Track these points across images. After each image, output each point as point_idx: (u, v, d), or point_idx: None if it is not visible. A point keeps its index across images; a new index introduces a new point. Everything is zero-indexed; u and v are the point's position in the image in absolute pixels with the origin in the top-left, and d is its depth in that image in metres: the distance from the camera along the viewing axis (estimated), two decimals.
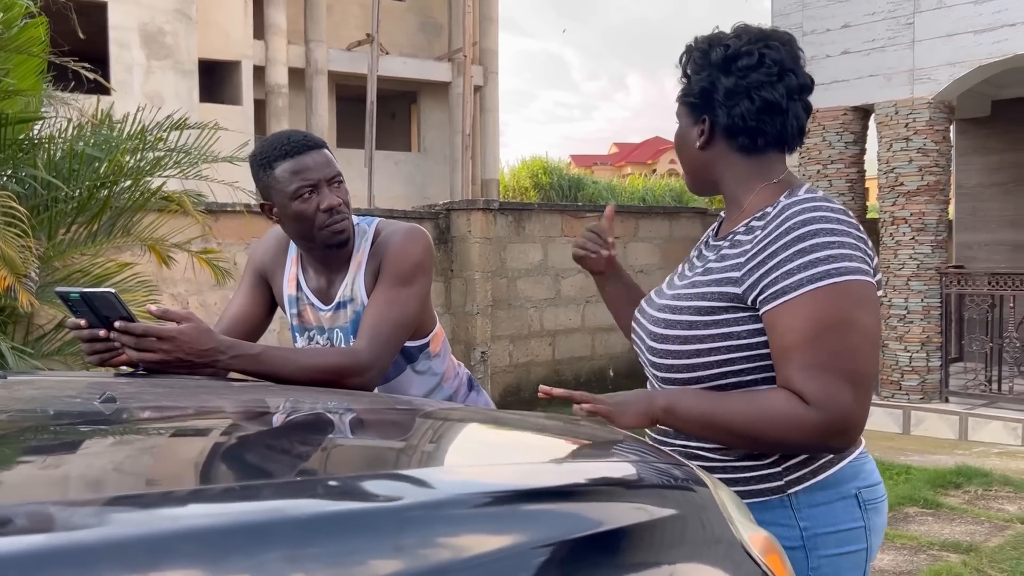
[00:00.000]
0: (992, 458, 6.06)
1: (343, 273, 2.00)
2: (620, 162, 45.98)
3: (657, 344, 1.45)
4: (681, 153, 1.54)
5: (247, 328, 2.06)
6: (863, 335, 1.31)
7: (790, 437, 1.31)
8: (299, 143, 1.89)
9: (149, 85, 12.48)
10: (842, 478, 1.41)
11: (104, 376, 1.70)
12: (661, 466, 1.01)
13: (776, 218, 1.37)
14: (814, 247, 1.32)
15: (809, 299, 1.30)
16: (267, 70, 15.08)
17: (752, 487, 1.40)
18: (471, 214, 7.59)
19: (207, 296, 6.39)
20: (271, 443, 1.04)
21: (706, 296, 1.41)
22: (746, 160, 1.47)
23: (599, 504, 0.88)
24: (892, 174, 7.15)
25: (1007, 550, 4.22)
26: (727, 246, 1.45)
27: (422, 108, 18.53)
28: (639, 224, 8.74)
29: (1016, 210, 9.37)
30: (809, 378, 1.29)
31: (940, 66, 6.89)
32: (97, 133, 4.30)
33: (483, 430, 1.26)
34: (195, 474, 0.86)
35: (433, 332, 2.12)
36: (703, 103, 1.46)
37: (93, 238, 4.48)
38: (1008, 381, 6.93)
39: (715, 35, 1.49)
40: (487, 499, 0.83)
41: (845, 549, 1.40)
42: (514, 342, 7.91)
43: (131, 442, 0.97)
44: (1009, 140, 9.28)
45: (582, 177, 22.74)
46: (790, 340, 1.31)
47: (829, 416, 1.28)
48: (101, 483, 0.80)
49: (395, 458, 1.00)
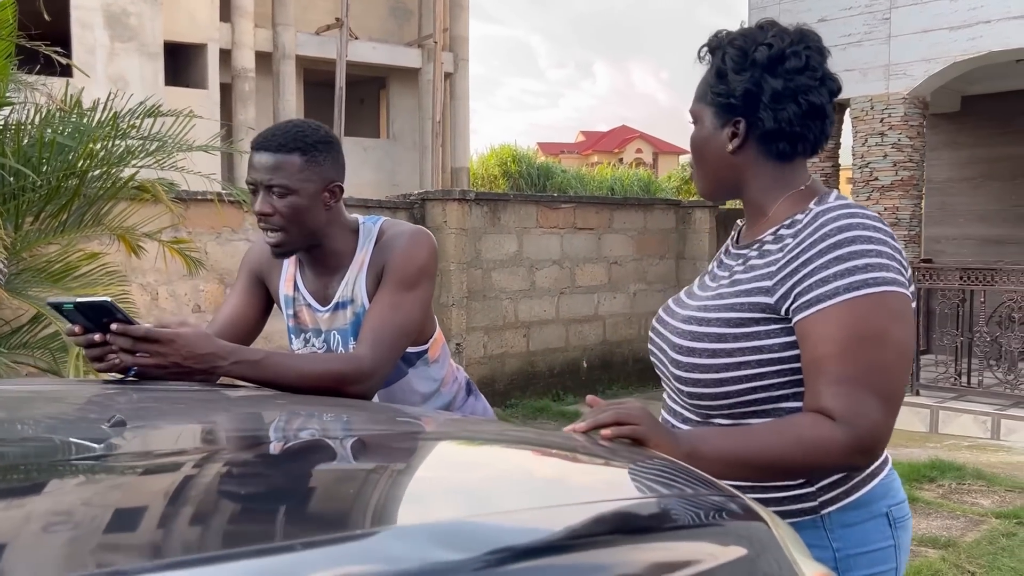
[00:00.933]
0: (963, 451, 6.13)
1: (342, 273, 1.94)
2: (587, 150, 46.02)
3: (683, 357, 1.39)
4: (703, 156, 1.44)
5: (241, 330, 1.98)
6: (897, 351, 1.27)
7: (820, 461, 1.27)
8: (266, 137, 1.82)
9: (113, 68, 12.19)
10: (874, 497, 1.38)
11: (94, 383, 1.61)
12: (719, 499, 0.96)
13: (809, 225, 1.32)
14: (851, 255, 1.27)
15: (845, 309, 1.25)
16: (233, 54, 14.79)
17: (785, 508, 1.35)
18: (447, 204, 7.51)
19: (177, 287, 6.24)
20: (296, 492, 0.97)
21: (735, 307, 1.35)
22: (775, 166, 1.41)
23: (660, 549, 0.82)
24: (866, 168, 7.19)
25: (984, 545, 4.26)
26: (755, 255, 1.39)
27: (391, 94, 18.34)
28: (613, 216, 8.71)
29: (984, 205, 9.49)
30: (839, 394, 1.24)
31: (915, 62, 6.93)
32: (67, 120, 4.16)
33: (504, 458, 1.19)
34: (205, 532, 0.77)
35: (433, 338, 2.06)
36: (743, 105, 1.37)
37: (62, 227, 4.34)
38: (978, 374, 7.02)
39: (748, 32, 1.41)
40: (513, 552, 0.75)
41: (876, 569, 1.36)
42: (488, 333, 7.85)
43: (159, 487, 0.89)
44: (978, 135, 9.39)
45: (551, 165, 22.71)
46: (823, 351, 1.26)
47: (857, 434, 1.23)
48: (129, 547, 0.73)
49: (425, 504, 0.92)
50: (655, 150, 46.06)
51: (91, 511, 0.79)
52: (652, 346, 1.53)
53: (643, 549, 0.82)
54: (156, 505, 0.81)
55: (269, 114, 15.28)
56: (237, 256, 6.58)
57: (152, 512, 0.80)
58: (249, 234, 6.55)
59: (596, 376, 8.52)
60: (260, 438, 1.18)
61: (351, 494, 0.92)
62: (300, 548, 0.69)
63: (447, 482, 0.97)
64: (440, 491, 0.95)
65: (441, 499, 0.91)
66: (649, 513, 0.91)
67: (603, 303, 8.64)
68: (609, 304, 8.66)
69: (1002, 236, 9.35)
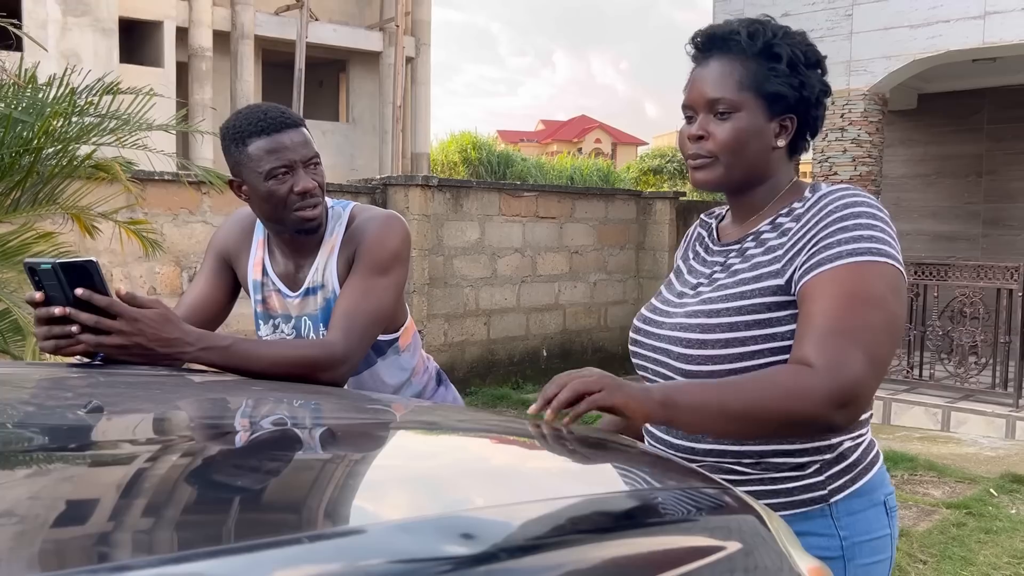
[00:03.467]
0: (915, 443, 6.26)
1: (312, 258, 1.90)
2: (547, 139, 46.07)
3: (694, 351, 1.36)
4: (744, 147, 1.37)
5: (207, 315, 1.93)
6: (890, 319, 1.26)
7: (797, 409, 1.21)
8: (277, 119, 1.77)
9: (65, 43, 11.88)
10: (874, 485, 1.39)
11: (58, 367, 1.56)
12: (711, 491, 0.95)
13: (813, 207, 1.34)
14: (858, 226, 1.29)
15: (845, 271, 1.27)
16: (190, 32, 14.51)
17: (795, 498, 1.35)
18: (409, 190, 7.45)
19: (132, 268, 6.12)
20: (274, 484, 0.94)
21: (745, 295, 1.34)
22: (789, 161, 1.45)
23: (655, 542, 0.81)
24: (827, 163, 7.28)
25: (935, 535, 4.35)
26: (752, 246, 1.40)
27: (351, 77, 18.14)
28: (575, 205, 8.72)
29: (937, 201, 9.67)
30: (823, 345, 1.23)
31: (876, 59, 7.03)
32: (21, 95, 4.03)
33: (484, 449, 1.16)
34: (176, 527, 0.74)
35: (404, 326, 2.03)
36: (802, 101, 1.38)
37: (15, 206, 4.21)
38: (929, 367, 7.17)
39: (782, 26, 1.40)
40: (514, 547, 0.73)
41: (876, 558, 1.37)
42: (449, 321, 7.82)
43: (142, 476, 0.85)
44: (933, 133, 9.56)
45: (511, 153, 22.68)
46: (817, 308, 1.26)
47: (837, 384, 1.20)
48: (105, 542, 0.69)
49: (398, 497, 0.89)
50: (614, 140, 46.27)
51: (62, 502, 0.76)
52: (643, 350, 1.47)
53: (635, 543, 0.81)
54: (117, 497, 0.78)
55: (227, 95, 15.03)
56: (194, 238, 6.46)
57: (114, 505, 0.76)
58: (207, 216, 6.43)
59: (556, 365, 8.54)
60: (225, 427, 1.15)
61: (316, 486, 0.89)
62: (263, 547, 0.66)
63: (420, 474, 0.95)
64: (415, 484, 0.93)
65: (417, 493, 0.88)
66: (641, 507, 0.90)
67: (564, 292, 8.66)
68: (570, 293, 8.68)
69: (954, 232, 9.55)
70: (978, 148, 9.41)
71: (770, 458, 1.36)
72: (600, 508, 0.89)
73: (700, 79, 1.40)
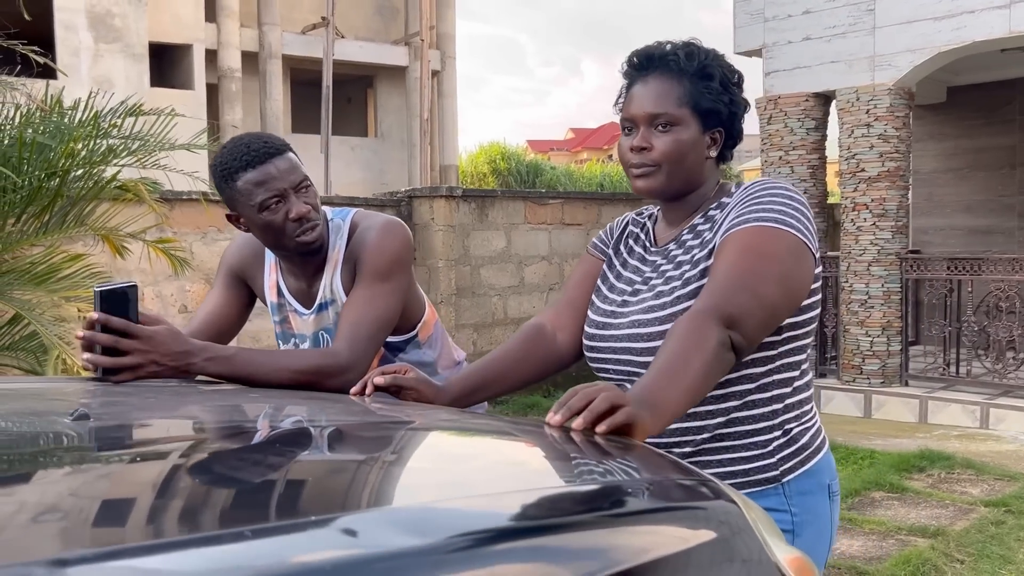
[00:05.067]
0: (952, 441, 6.15)
1: (320, 273, 1.94)
2: (576, 147, 46.06)
3: (656, 343, 1.41)
4: (683, 159, 1.50)
5: (221, 329, 1.98)
6: (781, 272, 1.36)
7: (709, 349, 1.26)
8: (260, 151, 1.80)
9: (97, 69, 12.12)
10: (820, 468, 1.50)
11: (74, 382, 1.60)
12: (689, 482, 0.95)
13: (741, 194, 1.48)
14: (771, 203, 1.42)
15: (748, 231, 1.39)
16: (219, 54, 14.73)
17: (751, 478, 1.45)
18: (434, 201, 7.49)
19: (163, 287, 6.21)
20: (263, 474, 0.95)
21: (692, 280, 1.45)
22: (717, 171, 1.58)
23: (631, 532, 0.81)
24: (853, 160, 7.19)
25: (972, 533, 4.27)
26: (689, 238, 1.52)
27: (379, 93, 18.29)
28: (601, 211, 8.70)
29: (971, 195, 9.51)
30: (714, 291, 1.34)
31: (900, 52, 6.93)
32: (47, 120, 4.13)
33: (472, 446, 1.17)
34: (174, 519, 0.76)
35: (422, 320, 2.07)
36: (730, 116, 1.51)
37: (45, 228, 4.31)
38: (966, 364, 7.04)
39: (711, 50, 1.54)
40: (491, 536, 0.74)
41: (818, 537, 1.48)
42: (478, 330, 7.84)
43: (110, 474, 0.87)
44: (964, 126, 9.41)
45: (540, 163, 22.67)
46: (718, 262, 1.38)
47: (722, 312, 1.29)
48: (73, 533, 0.71)
49: (373, 487, 0.90)
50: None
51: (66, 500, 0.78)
52: (603, 353, 1.54)
53: (612, 534, 0.81)
54: (113, 495, 0.80)
55: (256, 114, 15.23)
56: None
57: (111, 501, 0.78)
58: (234, 233, 6.52)
59: (586, 372, 8.49)
60: (233, 429, 1.17)
61: (316, 483, 0.90)
62: (265, 534, 0.68)
63: (409, 469, 0.96)
64: (402, 478, 0.94)
65: (405, 485, 0.89)
66: (617, 498, 0.89)
67: None
68: None
69: (989, 226, 9.38)
70: (1011, 140, 9.24)
71: (726, 440, 1.45)
72: (576, 498, 0.89)
73: (641, 95, 1.51)
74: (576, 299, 1.67)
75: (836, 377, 7.50)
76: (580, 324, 1.64)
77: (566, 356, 1.68)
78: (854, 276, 7.25)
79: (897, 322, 7.20)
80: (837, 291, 7.46)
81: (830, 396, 7.30)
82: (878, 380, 7.18)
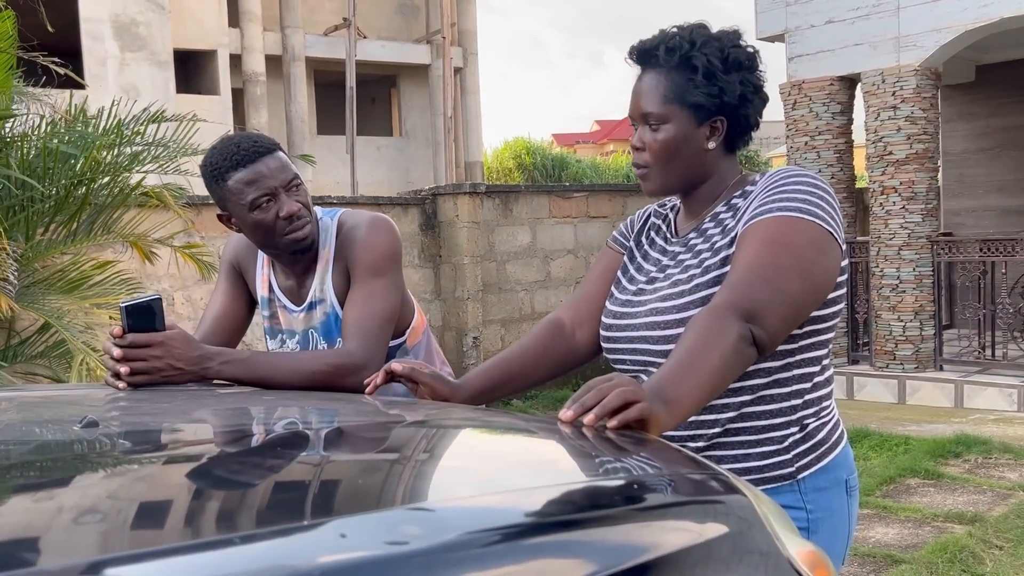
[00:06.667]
0: (989, 425, 6.05)
1: (312, 272, 1.95)
2: (602, 139, 45.82)
3: (672, 331, 1.40)
4: (675, 156, 1.46)
5: (230, 328, 2.00)
6: (803, 264, 1.32)
7: (729, 352, 1.23)
8: (249, 150, 1.80)
9: (124, 77, 12.27)
10: (837, 464, 1.46)
11: (91, 388, 1.62)
12: (699, 476, 0.93)
13: (763, 183, 1.43)
14: (795, 191, 1.38)
15: (771, 221, 1.35)
16: (243, 58, 14.84)
17: (766, 475, 1.42)
18: (458, 198, 7.49)
19: (192, 291, 6.28)
20: (270, 475, 0.96)
21: (711, 268, 1.42)
22: (730, 159, 1.52)
23: (643, 527, 0.80)
24: (880, 143, 7.09)
25: (1011, 519, 4.19)
26: (712, 227, 1.47)
27: (402, 92, 18.33)
28: (627, 203, 8.66)
29: (1002, 175, 9.34)
30: (735, 286, 1.30)
31: (926, 32, 6.82)
32: (72, 129, 4.18)
33: (483, 442, 1.17)
34: (184, 520, 0.77)
35: (411, 326, 2.05)
36: (729, 104, 1.44)
37: (73, 237, 4.37)
38: (1002, 347, 6.92)
39: (701, 32, 1.46)
40: (503, 534, 0.73)
41: (836, 534, 1.44)
42: (506, 326, 7.84)
43: (114, 479, 0.88)
44: (994, 105, 9.24)
45: (565, 156, 22.60)
46: (740, 253, 1.35)
47: (741, 308, 1.26)
48: (78, 540, 0.72)
49: (389, 487, 0.90)
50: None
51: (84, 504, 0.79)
52: (619, 344, 1.51)
53: (624, 529, 0.81)
54: (125, 500, 0.81)
55: (281, 117, 15.33)
56: None
57: (122, 506, 0.79)
58: None
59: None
60: (244, 431, 1.18)
61: (331, 483, 0.91)
62: (275, 535, 0.68)
63: (425, 466, 0.96)
64: (418, 476, 0.94)
65: (418, 483, 0.89)
66: (628, 493, 0.89)
67: None
68: None
69: (1022, 206, 9.21)
70: None
71: (740, 435, 1.41)
72: (588, 494, 0.89)
73: (635, 93, 1.49)
74: (594, 294, 1.64)
75: (869, 363, 7.40)
76: (598, 319, 1.60)
77: (585, 352, 1.65)
78: (884, 261, 7.15)
79: (930, 306, 7.09)
80: (868, 276, 7.37)
81: (863, 383, 7.21)
82: (912, 365, 7.09)
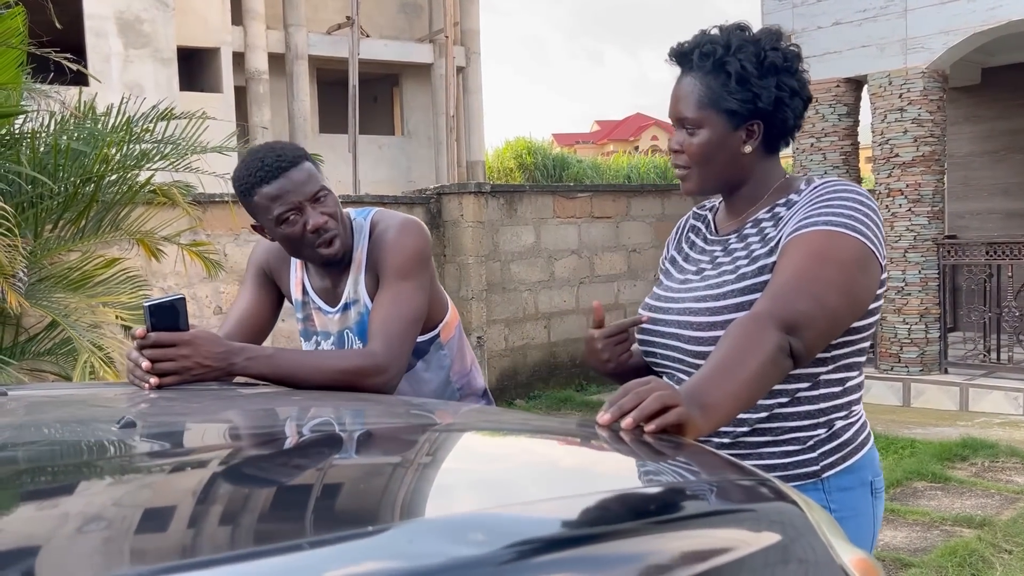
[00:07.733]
0: (995, 428, 6.04)
1: (346, 273, 1.95)
2: (602, 139, 45.81)
3: (704, 333, 1.42)
4: (712, 159, 1.47)
5: (254, 328, 1.99)
6: (845, 280, 1.32)
7: (767, 362, 1.23)
8: (273, 165, 1.80)
9: (128, 75, 12.25)
10: (863, 464, 1.45)
11: (115, 387, 1.61)
12: (748, 483, 0.92)
13: (808, 194, 1.43)
14: (841, 206, 1.37)
15: (816, 235, 1.35)
16: (247, 56, 14.82)
17: (790, 472, 1.42)
18: (462, 198, 7.48)
19: (198, 289, 6.26)
20: (322, 480, 0.95)
21: (747, 275, 1.42)
22: (771, 160, 1.52)
23: (693, 537, 0.79)
24: (887, 145, 7.08)
25: (1020, 523, 4.18)
26: (752, 232, 1.47)
27: (405, 91, 18.32)
28: (631, 203, 8.65)
29: (1008, 178, 9.33)
30: (776, 295, 1.30)
31: (933, 35, 6.81)
32: (81, 126, 4.17)
33: (524, 448, 1.16)
34: (252, 524, 0.76)
35: (444, 321, 2.06)
36: (752, 112, 1.43)
37: (81, 234, 4.36)
38: (1007, 350, 6.92)
39: (738, 35, 1.45)
40: (547, 543, 0.72)
41: (858, 536, 1.42)
42: (509, 326, 7.83)
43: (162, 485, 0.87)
44: (999, 108, 9.23)
45: (566, 156, 22.59)
46: (783, 263, 1.35)
47: (780, 318, 1.25)
48: (129, 548, 0.71)
49: (444, 496, 0.89)
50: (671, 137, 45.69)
51: (117, 511, 0.77)
52: (654, 337, 1.53)
53: (673, 537, 0.79)
54: (168, 505, 0.80)
55: (284, 115, 15.32)
56: None
57: (165, 512, 0.78)
58: None
59: None
60: (275, 434, 1.16)
61: (367, 489, 0.89)
62: (316, 545, 0.67)
63: (466, 474, 0.95)
64: (460, 483, 0.93)
65: (461, 491, 0.88)
66: (678, 500, 0.88)
67: (623, 291, 8.59)
68: (630, 292, 8.61)
69: None
70: None
71: (766, 435, 1.42)
72: (638, 501, 0.87)
73: (674, 96, 1.49)
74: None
75: (874, 366, 7.39)
76: None
77: None
78: (890, 263, 7.14)
79: (935, 309, 7.08)
80: None
81: (868, 385, 7.15)
82: (917, 368, 7.08)
